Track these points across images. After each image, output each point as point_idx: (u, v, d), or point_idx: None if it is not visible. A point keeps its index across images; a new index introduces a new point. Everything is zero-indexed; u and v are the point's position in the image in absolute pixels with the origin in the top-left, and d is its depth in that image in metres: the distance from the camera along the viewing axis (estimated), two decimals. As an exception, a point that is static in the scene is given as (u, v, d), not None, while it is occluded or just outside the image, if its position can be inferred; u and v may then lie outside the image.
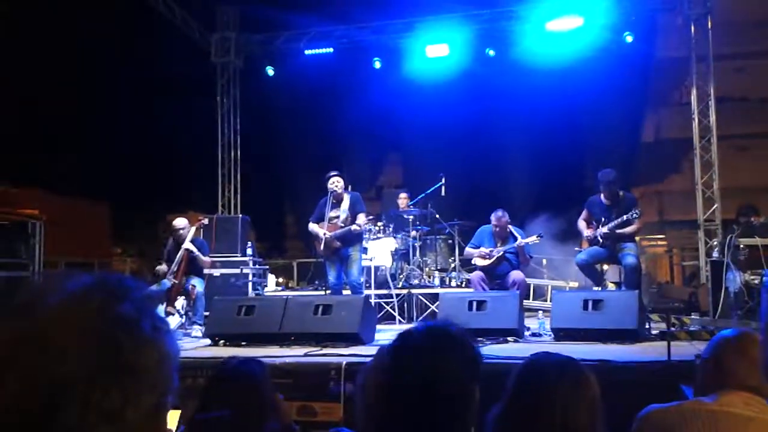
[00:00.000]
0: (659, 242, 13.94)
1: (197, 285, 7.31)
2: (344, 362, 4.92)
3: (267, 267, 10.59)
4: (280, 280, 12.27)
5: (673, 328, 5.28)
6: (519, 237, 7.14)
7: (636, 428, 2.01)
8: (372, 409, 1.70)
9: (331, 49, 11.83)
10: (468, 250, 7.52)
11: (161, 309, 6.83)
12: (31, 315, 0.82)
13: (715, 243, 8.88)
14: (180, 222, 7.53)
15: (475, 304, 6.24)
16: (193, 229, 7.58)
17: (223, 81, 12.51)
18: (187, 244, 7.31)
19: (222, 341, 6.11)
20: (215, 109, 12.48)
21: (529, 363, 2.09)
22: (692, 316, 7.22)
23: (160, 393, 0.85)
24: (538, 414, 1.91)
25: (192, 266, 7.37)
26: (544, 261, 10.72)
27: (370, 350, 5.51)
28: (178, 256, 7.28)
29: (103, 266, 12.53)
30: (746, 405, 1.85)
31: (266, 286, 10.30)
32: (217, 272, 8.98)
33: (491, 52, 11.42)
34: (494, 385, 1.92)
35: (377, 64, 11.92)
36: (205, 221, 8.49)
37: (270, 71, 12.39)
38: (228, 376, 2.33)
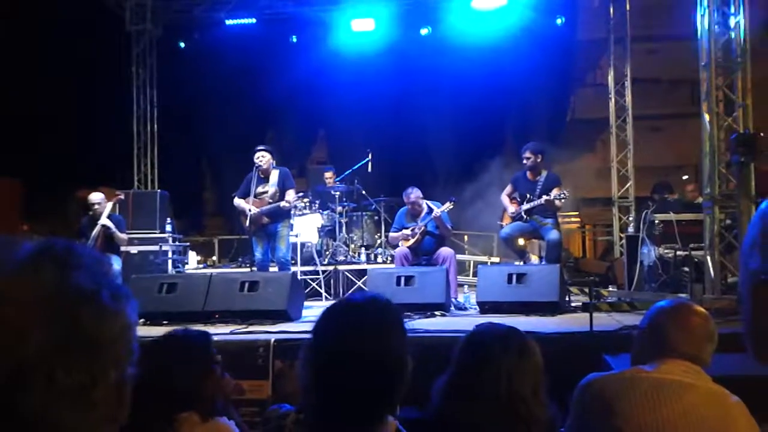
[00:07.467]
0: (573, 219, 14.37)
1: (114, 263, 6.98)
2: (272, 339, 4.85)
3: (187, 244, 10.27)
4: (200, 258, 11.93)
5: (594, 301, 5.45)
6: (435, 209, 7.15)
7: (577, 397, 2.04)
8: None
9: (253, 20, 11.45)
10: (391, 235, 7.46)
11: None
12: None
13: (631, 219, 9.27)
14: (95, 197, 7.18)
15: (403, 279, 6.28)
16: (110, 204, 7.25)
17: (139, 50, 11.90)
18: (104, 220, 6.98)
19: (142, 320, 5.88)
20: (130, 81, 11.88)
21: (474, 333, 2.09)
22: (610, 289, 7.50)
23: (124, 366, 0.78)
24: (484, 383, 1.91)
25: (108, 244, 7.04)
26: (466, 237, 10.88)
27: (299, 327, 5.45)
28: (93, 232, 6.95)
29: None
30: (685, 372, 1.90)
31: (187, 263, 10.00)
32: (134, 249, 8.64)
33: (424, 31, 11.34)
34: (424, 357, 1.98)
35: (294, 39, 11.68)
36: (122, 196, 8.15)
37: (182, 44, 11.91)
38: (180, 345, 2.21)
